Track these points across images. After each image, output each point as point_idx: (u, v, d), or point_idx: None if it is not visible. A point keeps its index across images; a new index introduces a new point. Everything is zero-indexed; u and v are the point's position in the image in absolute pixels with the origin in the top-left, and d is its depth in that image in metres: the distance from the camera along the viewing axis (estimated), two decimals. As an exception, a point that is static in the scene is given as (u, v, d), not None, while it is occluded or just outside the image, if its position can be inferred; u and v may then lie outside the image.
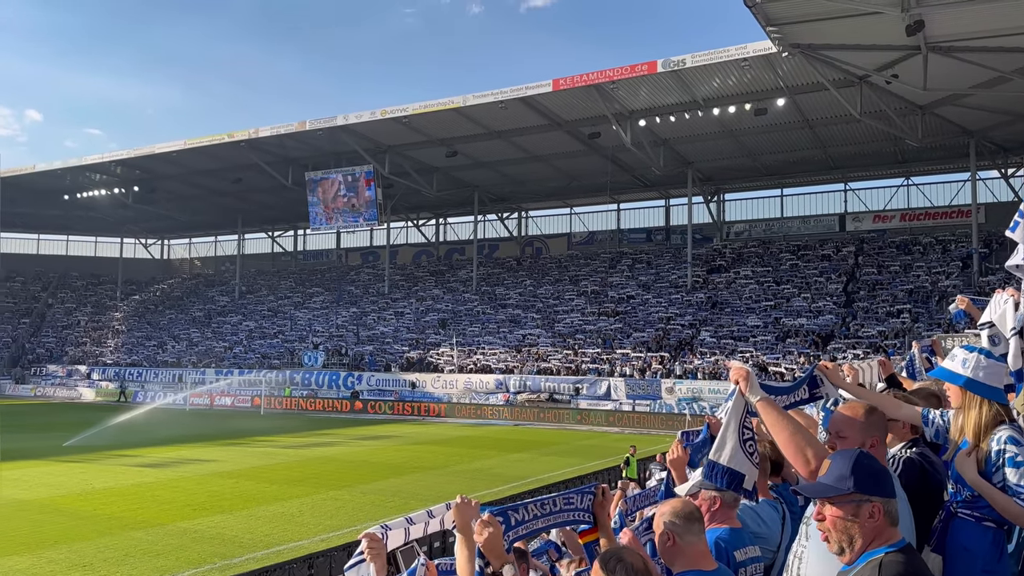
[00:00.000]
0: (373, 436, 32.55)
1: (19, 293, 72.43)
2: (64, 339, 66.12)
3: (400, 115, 41.39)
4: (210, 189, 57.58)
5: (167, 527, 14.97)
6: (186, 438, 30.10)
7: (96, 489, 19.19)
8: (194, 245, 78.59)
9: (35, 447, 26.97)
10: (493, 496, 16.53)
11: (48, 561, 12.49)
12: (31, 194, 60.70)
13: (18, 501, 17.48)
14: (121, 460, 24.26)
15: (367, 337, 53.29)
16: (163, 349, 59.59)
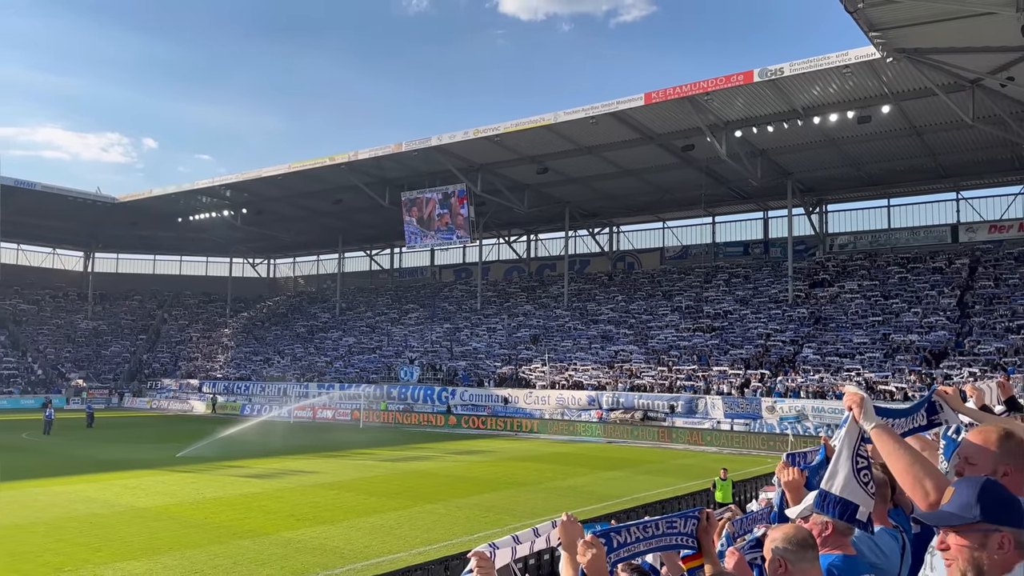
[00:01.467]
0: (467, 451, 32.85)
1: (137, 311, 77.12)
2: (178, 354, 69.90)
3: (492, 134, 41.96)
4: (313, 210, 59.86)
5: (272, 536, 15.53)
6: (290, 450, 31.19)
7: (207, 498, 20.11)
8: (298, 264, 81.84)
9: (151, 457, 28.56)
10: (587, 515, 16.38)
11: (163, 567, 13.16)
12: (148, 217, 64.73)
13: (136, 508, 18.52)
14: (230, 471, 25.37)
15: (460, 352, 53.98)
16: (269, 364, 62.08)
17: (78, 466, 26.15)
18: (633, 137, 40.64)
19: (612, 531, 3.00)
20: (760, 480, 18.80)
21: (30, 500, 19.34)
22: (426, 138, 44.89)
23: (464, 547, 14.13)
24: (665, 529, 3.13)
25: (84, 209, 63.26)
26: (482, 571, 2.96)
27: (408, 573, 10.15)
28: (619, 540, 2.99)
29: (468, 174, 47.93)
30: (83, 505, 18.81)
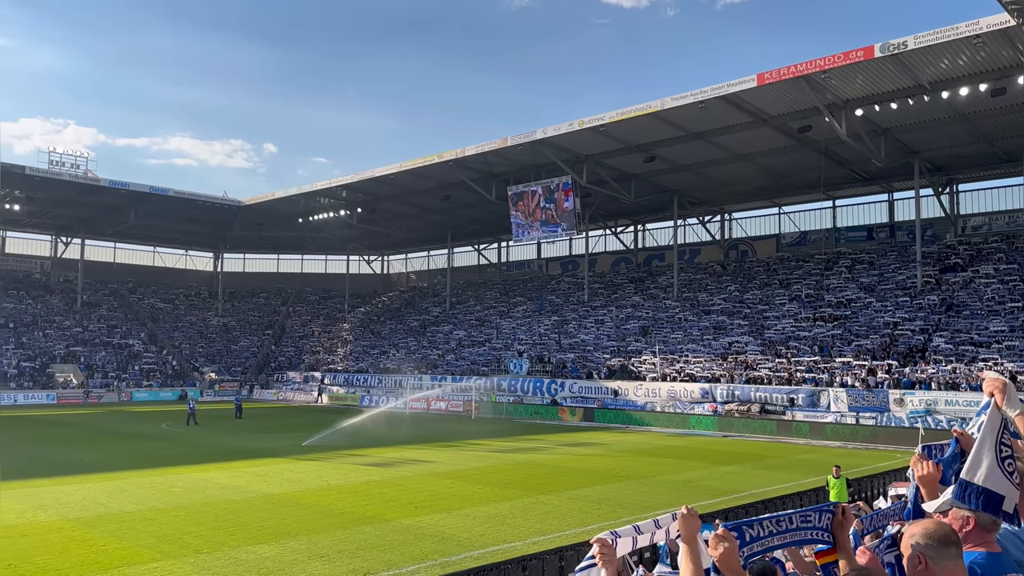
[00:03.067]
0: (577, 443, 32.85)
1: (263, 307, 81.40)
2: (301, 348, 73.31)
3: (597, 124, 41.63)
4: (423, 207, 61.33)
5: (392, 523, 16.05)
6: (407, 440, 32.15)
7: (331, 485, 21.02)
8: (410, 260, 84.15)
9: (279, 446, 30.12)
10: (704, 510, 16.04)
11: (291, 550, 13.85)
12: (271, 218, 68.20)
13: (265, 495, 19.56)
14: (352, 459, 26.40)
15: (568, 345, 53.97)
16: (385, 356, 64.15)
17: (212, 454, 27.88)
18: (745, 120, 39.35)
19: (744, 524, 2.94)
20: (888, 476, 17.84)
21: (170, 486, 20.78)
22: (530, 132, 45.05)
23: (577, 538, 14.17)
24: (799, 523, 3.04)
25: (213, 212, 67.33)
26: (604, 557, 2.96)
27: (523, 562, 10.25)
28: (751, 534, 2.93)
29: (573, 166, 47.78)
30: (217, 491, 20.03)
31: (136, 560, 13.07)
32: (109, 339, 67.86)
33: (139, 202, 62.31)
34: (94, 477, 22.02)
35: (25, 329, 64.35)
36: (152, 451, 28.85)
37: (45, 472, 22.92)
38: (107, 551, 13.67)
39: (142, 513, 16.99)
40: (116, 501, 18.39)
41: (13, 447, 29.90)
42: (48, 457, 26.85)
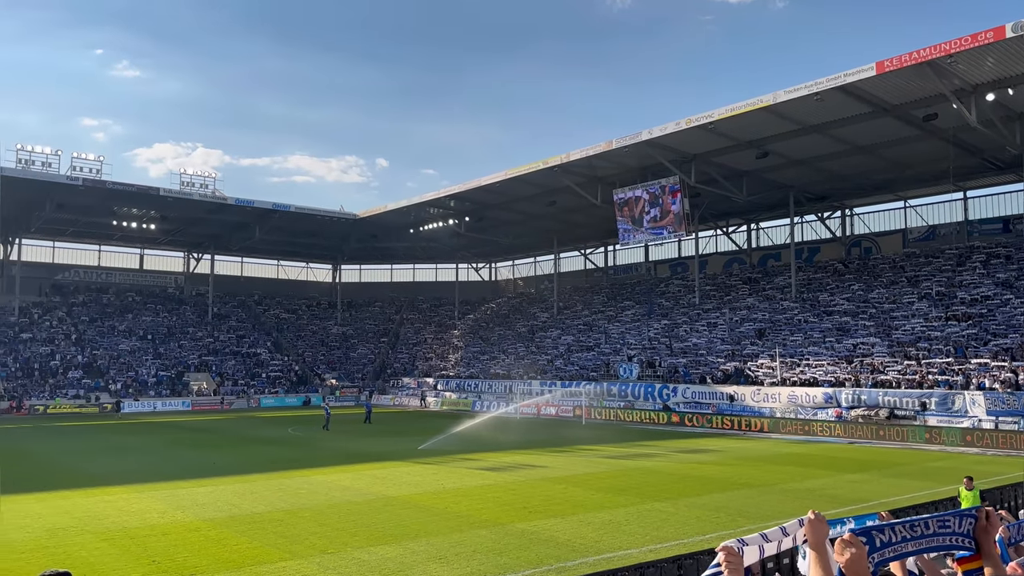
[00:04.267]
0: (692, 449, 32.09)
1: (378, 316, 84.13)
2: (415, 355, 75.24)
3: (705, 122, 40.66)
4: (528, 213, 61.72)
5: (507, 527, 16.17)
6: (519, 445, 32.36)
7: (447, 489, 21.41)
8: (517, 266, 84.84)
9: (396, 450, 30.97)
10: (830, 519, 15.31)
11: (411, 552, 14.18)
12: (384, 230, 70.45)
13: (385, 497, 20.14)
14: (466, 463, 26.81)
15: (680, 349, 52.87)
16: (494, 362, 64.89)
17: (334, 458, 28.98)
18: (864, 111, 37.47)
19: (874, 529, 2.77)
20: (1037, 486, 16.45)
21: (296, 488, 21.73)
22: (636, 133, 44.50)
23: (696, 547, 13.83)
24: (936, 528, 2.84)
25: (330, 226, 70.24)
26: (730, 566, 2.86)
27: (641, 570, 10.08)
28: (882, 539, 2.75)
29: (681, 165, 46.85)
30: (340, 493, 20.79)
31: (265, 559, 13.72)
32: (238, 348, 71.83)
33: (263, 218, 65.74)
34: (226, 479, 23.32)
35: (162, 340, 69.03)
36: (279, 454, 30.26)
37: (183, 475, 24.46)
38: (239, 550, 14.42)
39: (271, 514, 17.83)
40: (247, 502, 19.39)
41: (156, 451, 32.10)
42: (185, 460, 28.66)
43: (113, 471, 25.25)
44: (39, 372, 59.37)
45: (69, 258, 73.42)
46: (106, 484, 22.25)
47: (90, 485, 22.07)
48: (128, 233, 69.61)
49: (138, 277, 76.76)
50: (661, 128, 43.07)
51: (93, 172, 57.79)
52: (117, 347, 65.91)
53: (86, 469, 25.95)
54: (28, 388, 56.76)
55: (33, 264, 68.72)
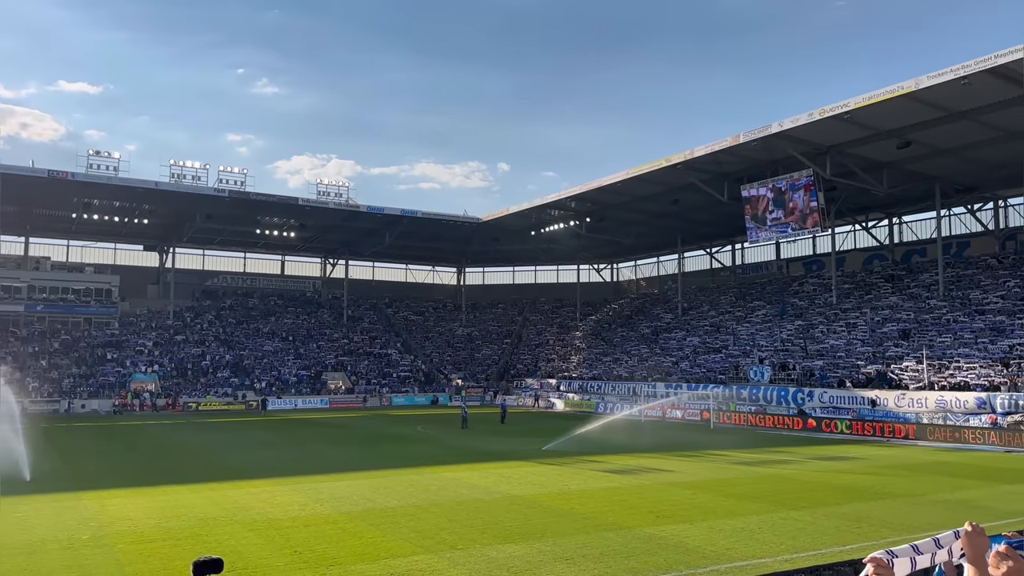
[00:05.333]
0: (830, 456, 30.55)
1: (501, 317, 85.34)
2: (537, 356, 75.75)
3: (841, 111, 38.66)
4: (651, 212, 60.80)
5: (634, 531, 15.96)
6: (645, 448, 31.89)
7: (571, 490, 21.39)
8: (639, 267, 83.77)
9: (521, 450, 31.27)
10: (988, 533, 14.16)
11: (538, 551, 14.25)
12: (506, 232, 71.41)
13: (511, 496, 20.36)
14: (590, 465, 26.71)
15: (816, 351, 50.48)
16: (617, 364, 64.30)
17: (462, 456, 29.61)
18: (1017, 94, 34.48)
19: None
20: None
21: (427, 484, 22.35)
22: (765, 126, 42.93)
23: (835, 558, 13.15)
24: None
25: (455, 230, 71.95)
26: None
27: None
28: None
29: (814, 158, 44.76)
30: (468, 491, 21.21)
31: (399, 553, 14.18)
32: (371, 349, 74.80)
33: (392, 224, 68.20)
34: (362, 475, 24.30)
35: (302, 342, 72.86)
36: (410, 451, 31.26)
37: (322, 469, 25.70)
38: (373, 543, 14.98)
39: (403, 509, 18.42)
40: (381, 497, 20.12)
41: (296, 447, 33.92)
42: (324, 456, 30.11)
43: (258, 465, 26.88)
44: (192, 371, 64.06)
45: (218, 265, 78.89)
46: (252, 477, 23.71)
47: (238, 478, 23.58)
48: (270, 240, 74.07)
49: (279, 282, 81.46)
50: (792, 120, 41.33)
51: (238, 184, 61.88)
52: (261, 348, 70.14)
53: (234, 463, 27.75)
54: (182, 386, 61.37)
55: (186, 271, 74.27)
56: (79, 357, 61.78)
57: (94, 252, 72.61)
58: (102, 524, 16.53)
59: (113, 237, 71.46)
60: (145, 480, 22.96)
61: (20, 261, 67.45)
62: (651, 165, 50.13)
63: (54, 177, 54.47)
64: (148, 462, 28.11)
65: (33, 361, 58.32)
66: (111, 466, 26.80)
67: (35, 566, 13.07)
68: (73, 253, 71.62)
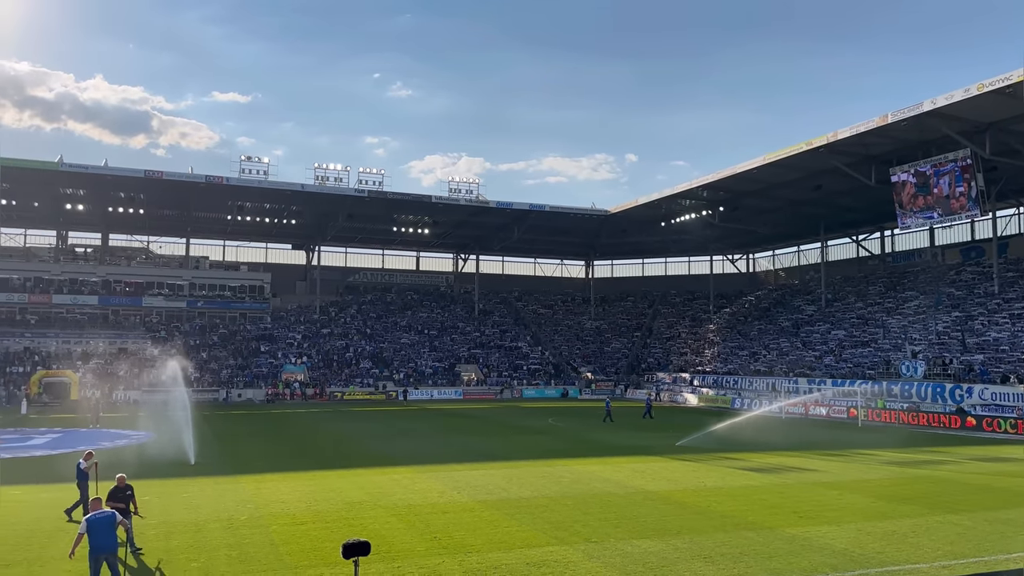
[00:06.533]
0: (992, 457, 28.21)
1: (631, 310, 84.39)
2: (668, 349, 74.37)
3: (1002, 85, 35.51)
4: (789, 200, 58.22)
5: (776, 531, 15.38)
6: (786, 446, 30.65)
7: (707, 487, 20.88)
8: (777, 256, 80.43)
9: (654, 444, 30.84)
10: None
11: (674, 548, 14.01)
12: (635, 224, 70.54)
13: (645, 491, 20.12)
14: (727, 462, 25.95)
15: (976, 345, 46.70)
16: (755, 358, 62.09)
17: (593, 449, 29.57)
18: None
19: None
20: None
21: (559, 476, 22.47)
22: (916, 104, 40.09)
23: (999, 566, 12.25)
24: None
25: (583, 223, 71.84)
26: None
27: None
28: None
29: (972, 137, 41.38)
30: (600, 484, 21.15)
31: (533, 543, 14.34)
32: (501, 342, 76.03)
33: (520, 219, 68.96)
34: (496, 465, 24.77)
35: (436, 334, 75.07)
36: (541, 443, 31.54)
37: (458, 458, 26.40)
38: (509, 532, 15.23)
39: (536, 500, 18.62)
40: (514, 487, 20.43)
41: (433, 436, 35.03)
42: (460, 445, 30.92)
43: (399, 452, 27.97)
44: (336, 363, 67.45)
45: (358, 262, 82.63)
46: (393, 464, 24.70)
47: (380, 464, 24.64)
48: (406, 237, 76.88)
49: (415, 277, 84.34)
50: (947, 96, 38.37)
51: (376, 184, 64.52)
52: (399, 340, 72.88)
53: (377, 450, 29.01)
54: (328, 376, 64.73)
55: (330, 268, 78.23)
56: (235, 349, 66.46)
57: (247, 251, 77.98)
58: (258, 505, 17.73)
59: (264, 237, 76.36)
60: (296, 465, 24.42)
61: (182, 261, 73.33)
62: (789, 150, 48.00)
63: (211, 182, 58.87)
64: (298, 448, 29.86)
65: (195, 353, 63.26)
66: (265, 451, 28.68)
67: (200, 543, 14.19)
68: (229, 253, 77.16)
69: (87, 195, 62.78)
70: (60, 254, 70.15)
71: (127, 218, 67.73)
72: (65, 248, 71.36)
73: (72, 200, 63.85)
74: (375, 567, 12.15)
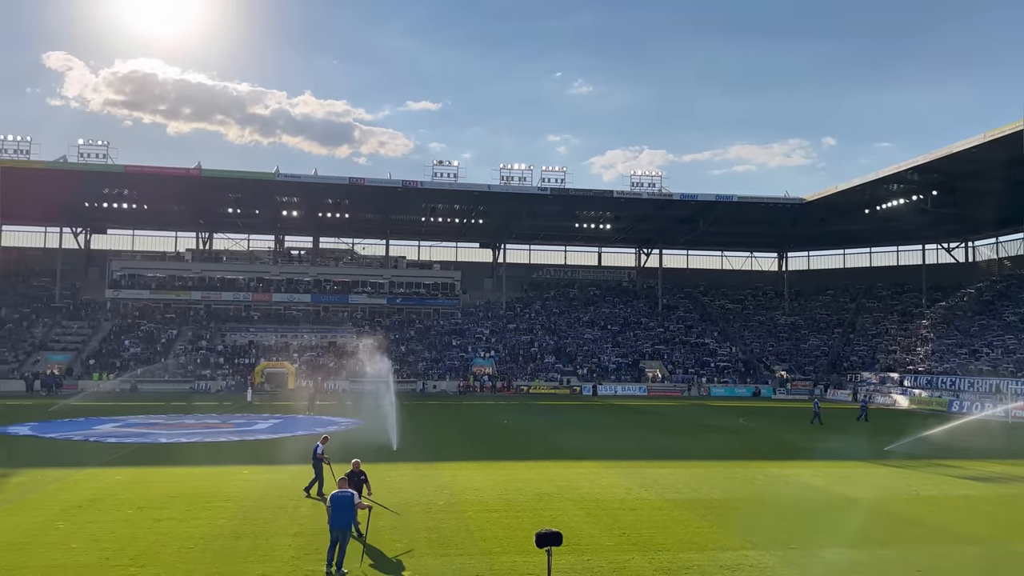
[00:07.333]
0: None
1: (830, 304, 79.22)
2: (874, 347, 68.98)
3: None
4: (1015, 181, 52.03)
5: (1001, 546, 13.88)
6: (1011, 454, 27.54)
7: (921, 496, 19.18)
8: (1001, 244, 72.11)
9: (858, 449, 28.69)
10: None
11: (882, 560, 13.02)
12: (834, 212, 66.11)
13: (848, 498, 18.84)
14: (943, 470, 23.70)
15: None
16: (975, 357, 56.14)
17: (788, 451, 28.15)
18: None
19: None
20: None
21: (751, 478, 21.59)
22: None
23: None
24: None
25: (775, 213, 68.49)
26: None
27: None
28: None
29: None
30: (797, 489, 20.08)
31: (726, 545, 13.89)
32: (686, 338, 74.27)
33: (706, 211, 67.01)
34: (684, 463, 24.25)
35: (618, 330, 74.75)
36: (731, 444, 30.48)
37: (644, 455, 26.15)
38: (700, 532, 14.86)
39: (728, 501, 18.02)
40: (704, 487, 19.90)
41: (619, 431, 34.94)
42: (645, 441, 30.62)
43: (584, 446, 28.17)
44: (522, 357, 69.13)
45: (542, 258, 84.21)
46: (579, 458, 24.92)
47: (566, 457, 24.94)
48: (587, 233, 77.32)
49: (597, 273, 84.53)
50: None
51: (558, 182, 65.39)
52: (582, 336, 73.38)
53: (564, 443, 29.39)
54: (514, 370, 66.49)
55: (515, 265, 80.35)
56: (430, 343, 70.07)
57: (439, 251, 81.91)
58: (454, 492, 18.58)
59: (454, 237, 79.87)
60: (487, 455, 25.33)
61: (383, 261, 78.48)
62: (1013, 126, 42.89)
63: (407, 186, 62.53)
64: (489, 439, 30.94)
65: (394, 347, 67.40)
66: (459, 441, 29.99)
67: (403, 525, 15.12)
68: (423, 252, 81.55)
69: (300, 202, 68.85)
70: (278, 256, 77.50)
71: (334, 222, 73.55)
72: (282, 251, 78.75)
73: (287, 207, 70.41)
74: (565, 559, 12.33)
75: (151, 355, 62.27)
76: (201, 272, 72.68)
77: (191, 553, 12.80)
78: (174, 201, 67.78)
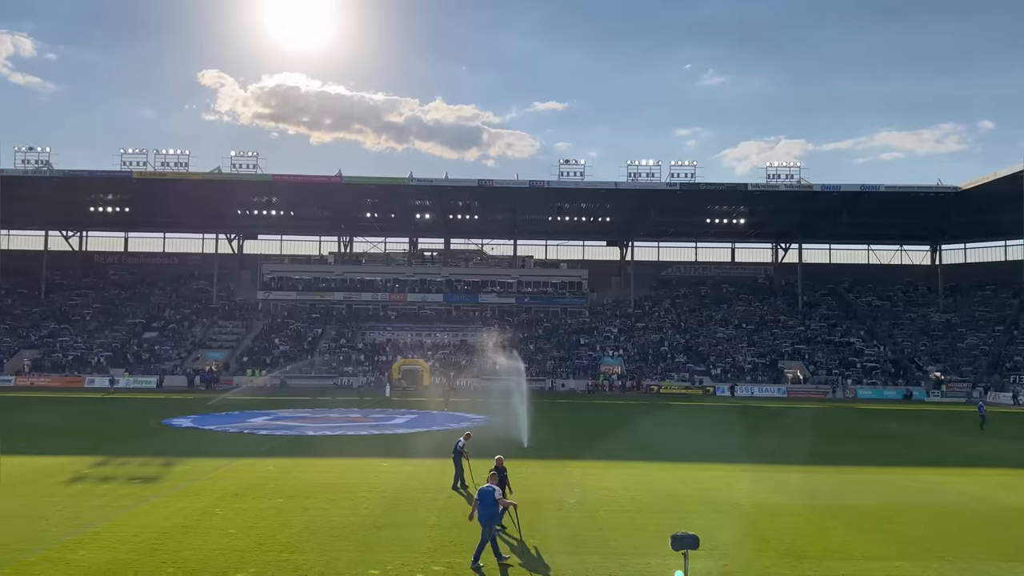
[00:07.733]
0: None
1: (991, 300, 73.09)
2: (1042, 346, 63.06)
3: None
4: None
5: None
6: None
7: (1101, 511, 17.37)
8: None
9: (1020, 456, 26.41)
10: None
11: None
12: (994, 201, 60.96)
13: (1015, 508, 17.43)
14: None
15: None
16: None
17: (942, 458, 26.29)
18: None
19: None
20: None
21: (903, 486, 20.26)
22: None
23: None
24: None
25: (927, 203, 64.05)
26: None
27: None
28: None
29: None
30: (955, 497, 18.69)
31: (874, 555, 13.12)
32: (830, 337, 70.61)
33: (850, 202, 63.50)
34: (827, 469, 23.12)
35: (754, 329, 72.07)
36: (880, 449, 28.77)
37: (784, 459, 25.11)
38: (844, 540, 14.08)
39: (876, 509, 16.99)
40: (850, 494, 18.86)
41: (759, 434, 33.54)
42: (785, 445, 29.35)
43: (719, 449, 27.37)
44: (652, 356, 68.07)
45: (671, 255, 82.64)
46: (715, 460, 24.25)
47: (701, 460, 24.30)
48: (719, 229, 75.11)
49: (729, 270, 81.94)
50: None
51: (688, 177, 63.94)
52: (714, 335, 71.34)
53: (697, 445, 28.68)
54: (643, 370, 65.57)
55: (643, 263, 79.22)
56: (558, 341, 70.31)
57: (566, 250, 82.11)
58: (585, 490, 18.55)
59: (581, 235, 79.76)
60: (618, 454, 25.12)
61: (511, 261, 79.49)
62: None
63: (535, 187, 63.12)
64: (620, 438, 30.63)
65: (523, 345, 68.13)
66: (589, 439, 29.86)
67: (535, 522, 15.22)
68: (550, 252, 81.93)
69: (432, 205, 70.98)
70: (412, 258, 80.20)
71: (464, 223, 75.35)
72: (415, 252, 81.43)
73: (420, 210, 72.84)
74: (702, 563, 12.00)
75: (298, 352, 66.07)
76: (342, 274, 76.33)
77: (336, 541, 13.47)
78: (318, 207, 71.71)
